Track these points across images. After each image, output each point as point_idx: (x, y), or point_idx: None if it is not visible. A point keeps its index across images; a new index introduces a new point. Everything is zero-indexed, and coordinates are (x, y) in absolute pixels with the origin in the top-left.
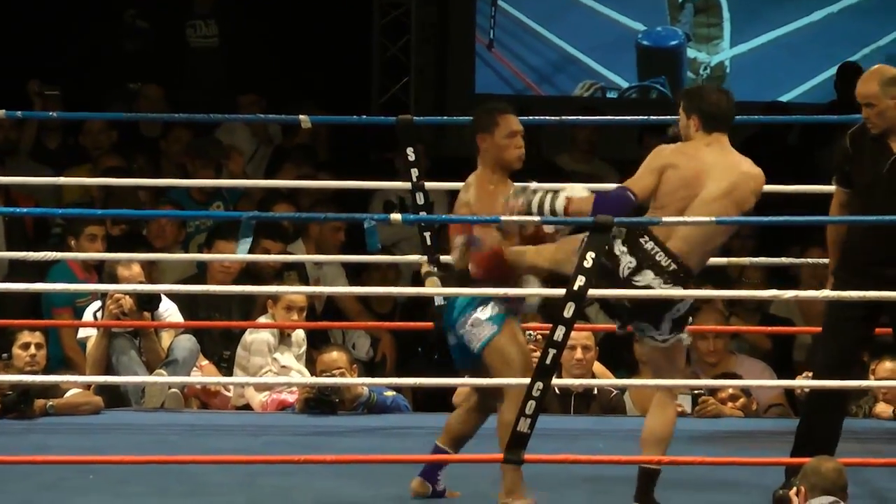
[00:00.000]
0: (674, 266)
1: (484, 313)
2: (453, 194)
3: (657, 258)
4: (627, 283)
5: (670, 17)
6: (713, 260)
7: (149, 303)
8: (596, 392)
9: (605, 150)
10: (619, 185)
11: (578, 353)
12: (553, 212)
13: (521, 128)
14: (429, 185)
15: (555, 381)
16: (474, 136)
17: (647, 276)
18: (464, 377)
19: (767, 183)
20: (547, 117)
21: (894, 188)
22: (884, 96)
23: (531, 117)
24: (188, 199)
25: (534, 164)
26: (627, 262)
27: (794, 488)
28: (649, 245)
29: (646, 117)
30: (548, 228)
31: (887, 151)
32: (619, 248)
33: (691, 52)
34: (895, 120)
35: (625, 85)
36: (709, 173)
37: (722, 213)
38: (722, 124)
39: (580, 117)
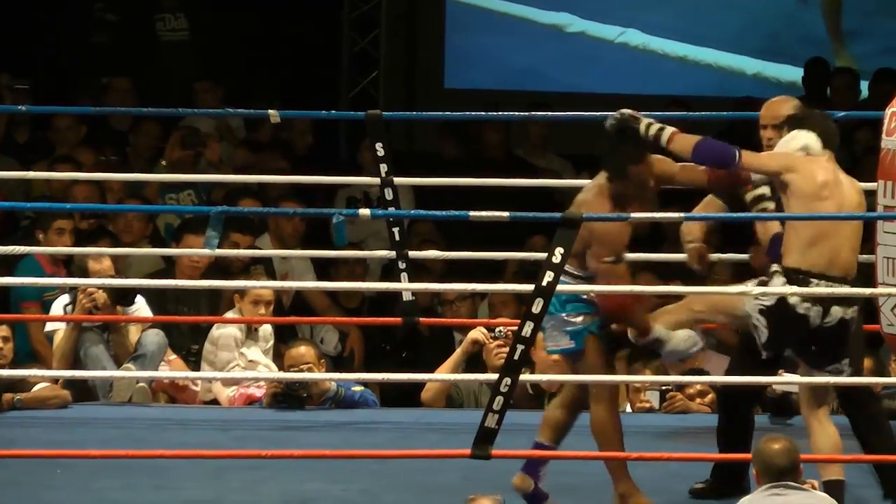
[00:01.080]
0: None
1: (569, 322)
2: (420, 190)
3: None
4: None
5: None
6: (682, 256)
7: (124, 297)
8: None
9: (560, 146)
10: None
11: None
12: (657, 140)
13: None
14: (397, 180)
15: (525, 377)
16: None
17: (836, 311)
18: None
19: None
20: (515, 112)
21: None
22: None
23: (499, 112)
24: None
25: (503, 158)
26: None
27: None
28: (822, 285)
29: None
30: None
31: None
32: (803, 304)
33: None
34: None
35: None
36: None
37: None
38: (831, 147)
39: (555, 113)
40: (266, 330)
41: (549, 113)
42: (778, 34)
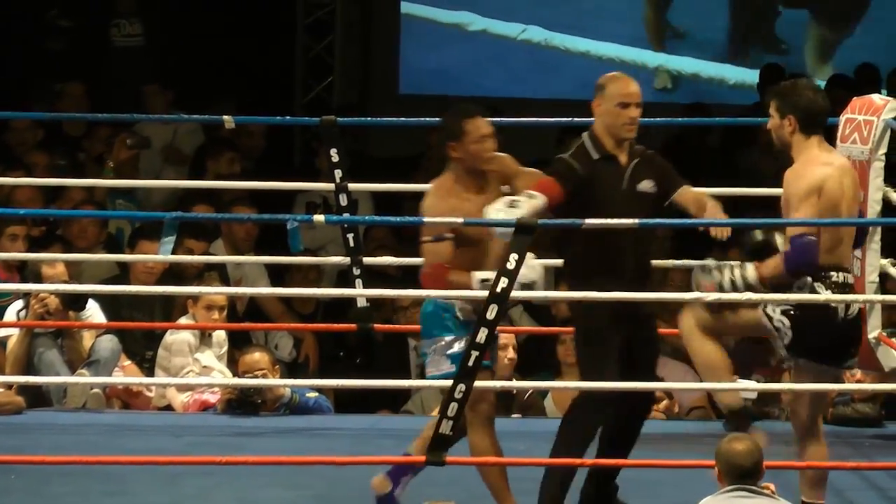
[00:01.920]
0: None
1: (451, 347)
2: (377, 195)
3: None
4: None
5: None
6: None
7: (75, 302)
8: (514, 392)
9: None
10: (797, 235)
11: (511, 353)
12: (748, 284)
13: (491, 129)
14: (352, 186)
15: (479, 383)
16: (443, 146)
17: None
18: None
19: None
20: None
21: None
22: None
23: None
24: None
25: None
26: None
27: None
28: (840, 277)
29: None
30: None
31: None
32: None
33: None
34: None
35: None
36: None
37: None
38: (820, 125)
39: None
40: (220, 335)
41: (502, 119)
42: (683, 27)
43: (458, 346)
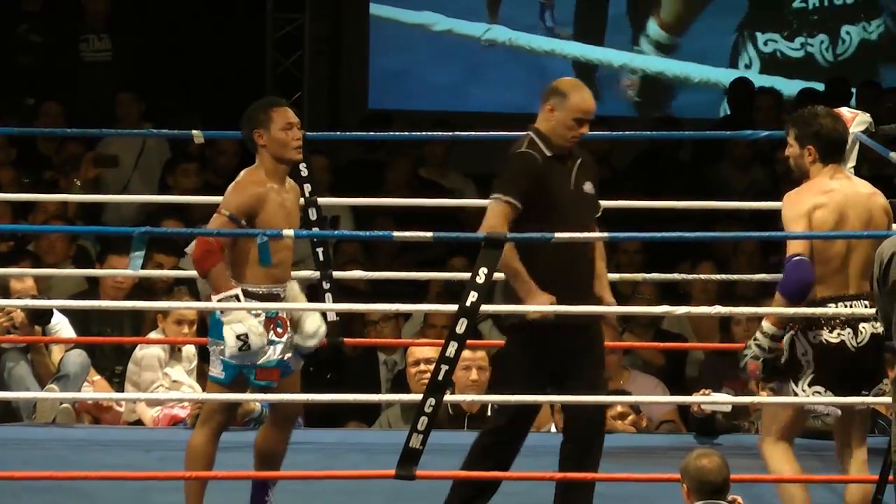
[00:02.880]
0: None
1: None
2: (356, 209)
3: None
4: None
5: None
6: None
7: (41, 316)
8: (489, 413)
9: (462, 165)
10: (788, 257)
11: (474, 374)
12: (771, 335)
13: (298, 119)
14: (322, 200)
15: (448, 398)
16: (250, 134)
17: (865, 328)
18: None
19: (657, 198)
20: (440, 133)
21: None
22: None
23: (424, 133)
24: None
25: (411, 180)
26: (846, 333)
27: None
28: (843, 307)
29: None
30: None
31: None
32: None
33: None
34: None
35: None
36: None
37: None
38: (840, 154)
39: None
40: (189, 350)
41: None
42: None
43: (228, 353)
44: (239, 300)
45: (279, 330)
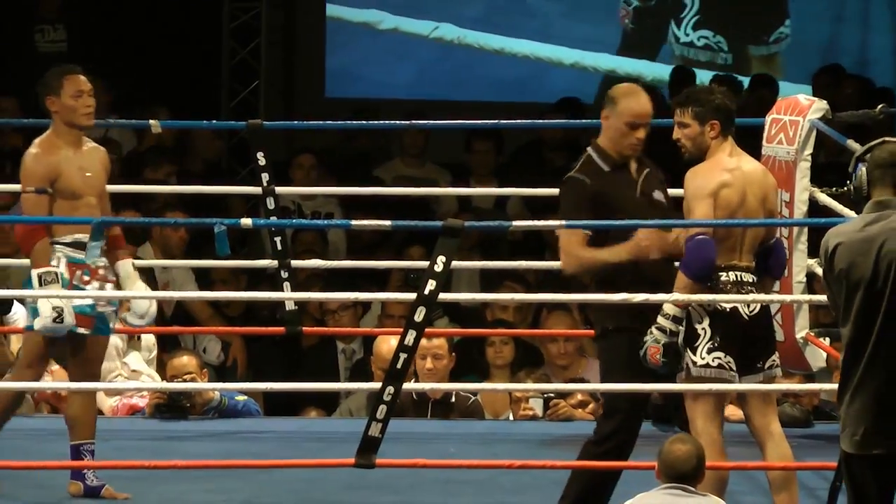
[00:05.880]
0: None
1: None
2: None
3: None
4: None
5: None
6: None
7: (0, 305)
8: (454, 399)
9: (436, 154)
10: (690, 236)
11: (429, 363)
12: (674, 318)
13: (90, 87)
14: (280, 189)
15: (408, 385)
16: (43, 100)
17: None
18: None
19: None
20: (398, 121)
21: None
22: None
23: (383, 121)
24: None
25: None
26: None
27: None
28: (732, 276)
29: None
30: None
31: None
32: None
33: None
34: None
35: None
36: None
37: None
38: (734, 125)
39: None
40: (148, 339)
41: (428, 122)
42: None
43: (40, 325)
44: (57, 277)
45: (85, 278)
